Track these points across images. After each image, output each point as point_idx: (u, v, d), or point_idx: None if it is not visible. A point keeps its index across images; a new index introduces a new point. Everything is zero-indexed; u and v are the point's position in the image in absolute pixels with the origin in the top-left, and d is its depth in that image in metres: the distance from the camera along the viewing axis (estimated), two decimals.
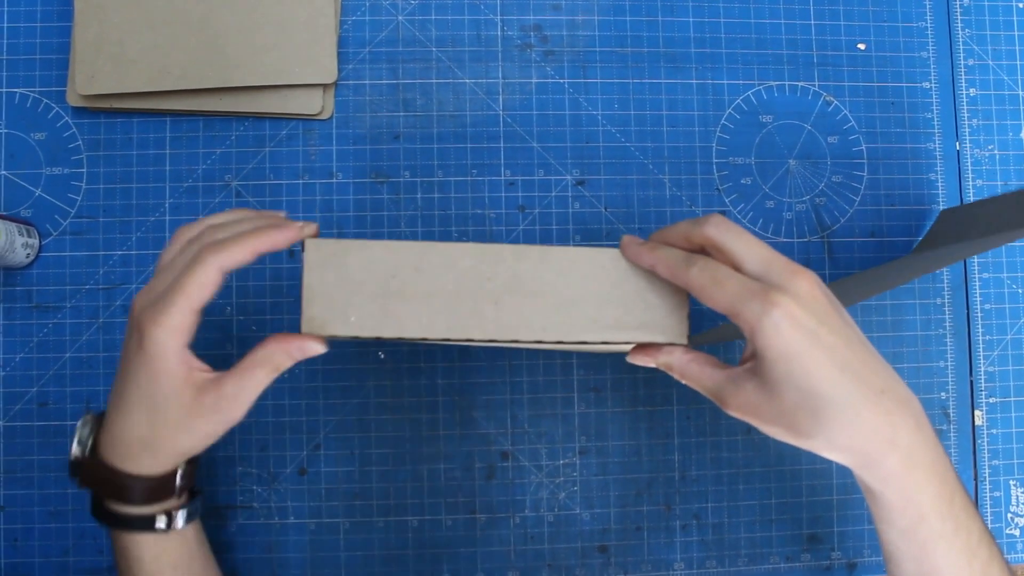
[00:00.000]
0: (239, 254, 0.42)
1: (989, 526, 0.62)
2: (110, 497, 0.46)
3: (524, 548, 0.60)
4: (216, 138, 0.60)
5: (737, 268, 0.41)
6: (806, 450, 0.41)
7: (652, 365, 0.45)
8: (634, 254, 0.44)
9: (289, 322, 0.59)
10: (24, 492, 0.58)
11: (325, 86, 0.60)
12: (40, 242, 0.59)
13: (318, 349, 0.44)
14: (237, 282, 0.59)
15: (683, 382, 0.45)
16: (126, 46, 0.57)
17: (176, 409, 0.43)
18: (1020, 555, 0.63)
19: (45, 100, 0.60)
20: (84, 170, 0.59)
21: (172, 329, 0.42)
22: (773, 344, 0.39)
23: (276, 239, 0.43)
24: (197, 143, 0.60)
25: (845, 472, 0.62)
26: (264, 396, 0.57)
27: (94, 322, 0.59)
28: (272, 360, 0.43)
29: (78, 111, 0.60)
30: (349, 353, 0.59)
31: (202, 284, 0.42)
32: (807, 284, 0.40)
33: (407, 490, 0.59)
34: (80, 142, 0.60)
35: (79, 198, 0.59)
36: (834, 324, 0.40)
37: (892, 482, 0.41)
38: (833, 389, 0.39)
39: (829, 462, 0.62)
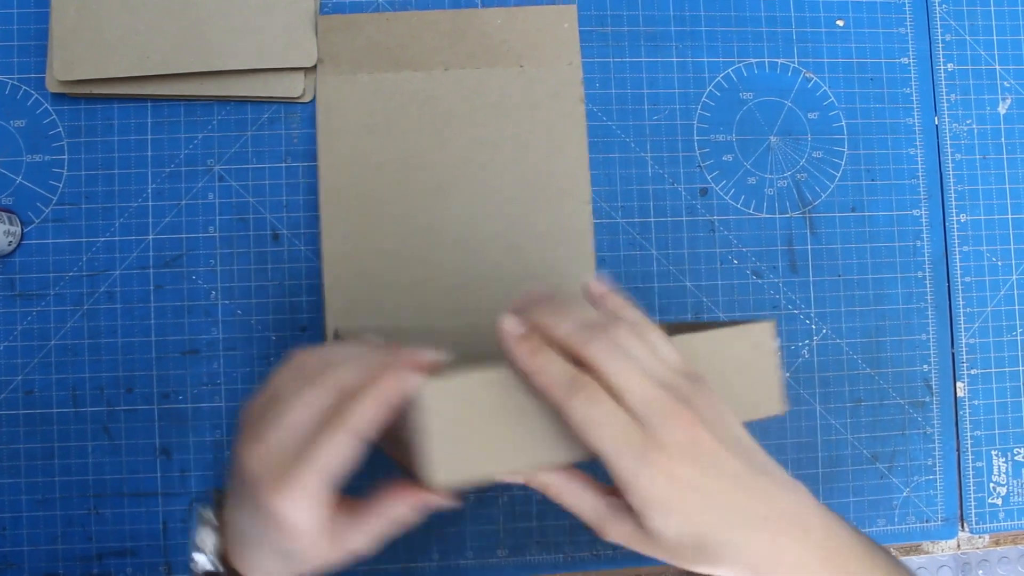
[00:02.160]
0: (372, 413, 0.36)
1: (972, 496, 0.63)
2: None
3: (513, 526, 0.60)
4: (198, 123, 0.60)
5: (613, 395, 0.37)
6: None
7: (520, 482, 0.40)
8: (511, 350, 0.38)
9: (274, 306, 0.59)
10: (11, 481, 0.58)
11: (307, 69, 0.60)
12: (22, 230, 0.59)
13: (445, 503, 0.40)
14: (222, 266, 0.59)
15: (557, 503, 0.41)
16: (105, 31, 0.57)
17: (312, 557, 0.39)
18: (1003, 524, 0.64)
19: (24, 87, 0.59)
20: (65, 157, 0.59)
21: (305, 507, 0.37)
22: (648, 498, 0.37)
23: (406, 385, 0.36)
24: (179, 128, 0.60)
25: (830, 446, 0.62)
26: (251, 379, 0.58)
27: (78, 309, 0.59)
28: (393, 513, 0.40)
29: (58, 97, 0.59)
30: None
31: (339, 458, 0.36)
32: (686, 430, 0.37)
33: (392, 470, 0.59)
34: (60, 128, 0.59)
35: (61, 185, 0.59)
36: (716, 464, 0.37)
37: None
38: (714, 532, 0.37)
39: (814, 438, 0.62)
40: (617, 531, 0.40)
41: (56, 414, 0.58)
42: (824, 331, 0.63)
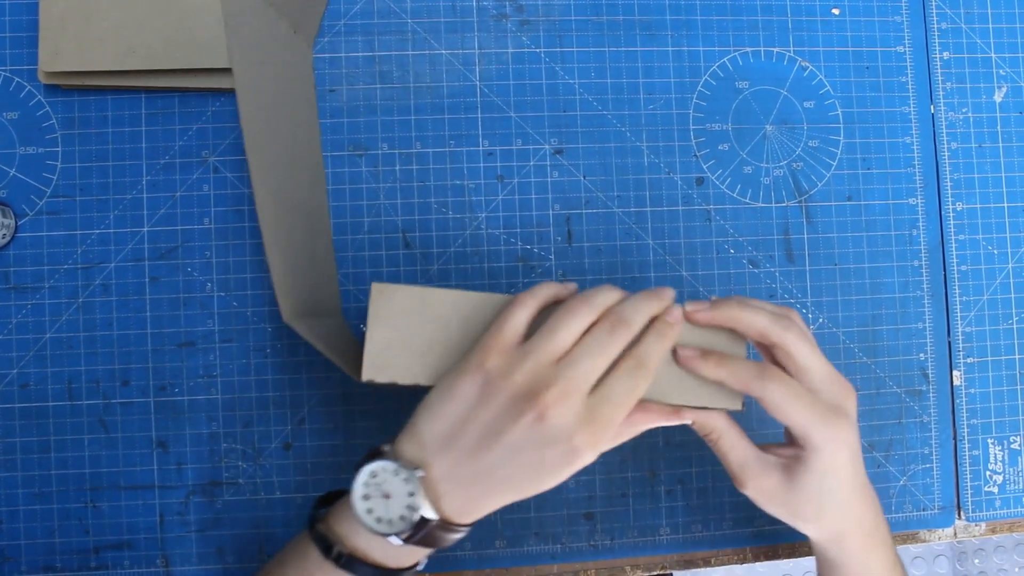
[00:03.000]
0: (657, 365, 0.44)
1: (968, 485, 0.63)
2: (441, 545, 0.44)
3: (510, 517, 0.60)
4: (192, 114, 0.60)
5: (798, 374, 0.46)
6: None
7: (687, 422, 0.48)
8: (699, 367, 0.46)
9: (270, 297, 0.59)
10: (7, 475, 0.58)
11: None
12: (16, 223, 0.58)
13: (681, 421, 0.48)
14: (217, 258, 0.59)
15: (709, 443, 0.50)
16: (92, 24, 0.56)
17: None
18: (999, 512, 0.64)
19: (16, 79, 0.59)
20: (59, 149, 0.59)
21: (607, 445, 0.44)
22: (828, 462, 0.46)
23: (674, 332, 0.45)
24: (173, 119, 0.60)
25: None
26: (247, 371, 0.58)
27: (73, 302, 0.58)
28: (641, 429, 0.47)
29: (50, 89, 0.59)
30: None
31: (638, 396, 0.43)
32: (855, 404, 0.47)
33: None
34: (54, 121, 0.59)
35: (55, 177, 0.59)
36: (859, 435, 0.49)
37: (854, 554, 0.50)
38: (848, 494, 0.48)
39: None
40: (758, 483, 0.48)
41: (52, 407, 0.58)
42: (820, 320, 0.63)
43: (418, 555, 0.45)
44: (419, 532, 0.43)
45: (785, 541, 0.62)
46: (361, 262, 0.60)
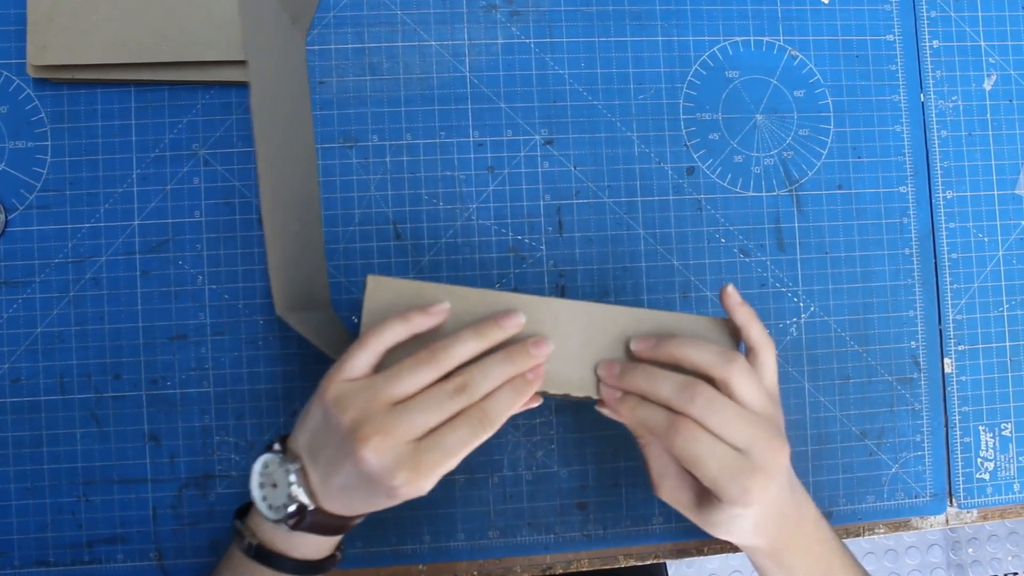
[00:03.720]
0: (504, 419, 0.45)
1: (960, 472, 0.63)
2: (333, 532, 0.48)
3: (503, 507, 0.60)
4: (182, 107, 0.60)
5: (726, 423, 0.46)
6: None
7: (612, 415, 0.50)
8: (615, 408, 0.48)
9: (261, 290, 0.59)
10: None
11: None
12: (6, 217, 0.58)
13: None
14: (208, 251, 0.59)
15: (639, 445, 0.52)
16: (80, 17, 0.56)
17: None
18: (990, 499, 0.64)
19: (5, 73, 0.59)
20: (48, 143, 0.59)
21: (429, 488, 0.44)
22: (739, 511, 0.47)
23: (531, 389, 0.47)
24: (163, 112, 0.60)
25: (819, 423, 0.62)
26: (239, 364, 0.57)
27: (64, 296, 0.58)
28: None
29: (40, 83, 0.59)
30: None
31: (469, 451, 0.44)
32: (785, 459, 0.47)
33: None
34: (43, 114, 0.59)
35: (44, 171, 0.59)
36: (788, 481, 0.49)
37: (768, 566, 0.52)
38: (761, 526, 0.49)
39: (803, 416, 0.62)
40: (671, 495, 0.50)
41: (44, 402, 0.58)
42: (812, 309, 0.63)
43: (322, 546, 0.49)
44: (302, 519, 0.46)
45: None
46: (352, 254, 0.60)
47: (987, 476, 0.64)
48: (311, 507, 0.46)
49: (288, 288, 0.50)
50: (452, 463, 0.43)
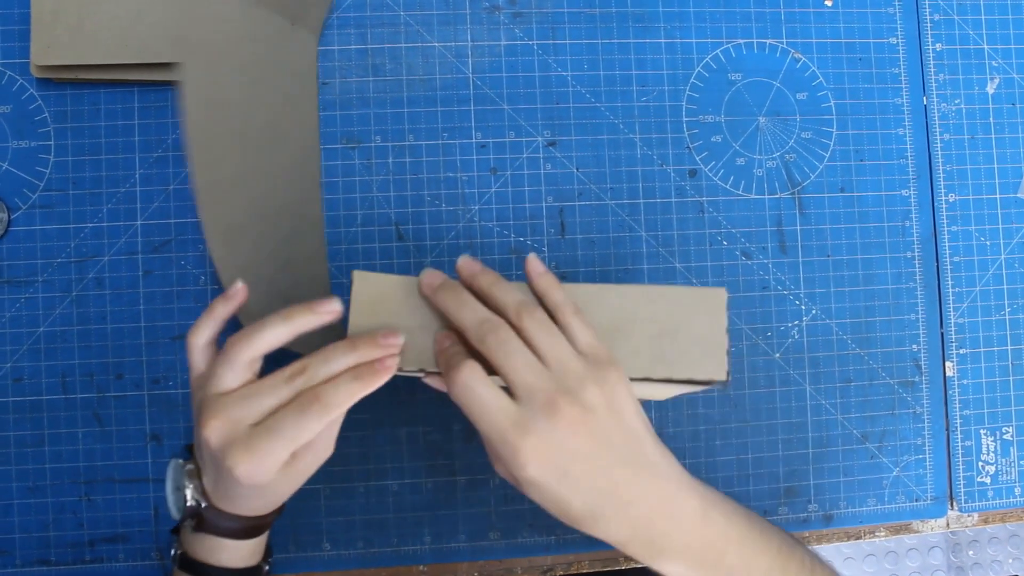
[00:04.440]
0: (345, 405, 0.43)
1: (961, 475, 0.63)
2: (238, 536, 0.48)
3: (504, 509, 0.60)
4: None
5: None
6: None
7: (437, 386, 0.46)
8: (429, 292, 0.46)
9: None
10: (1, 468, 0.58)
11: None
12: (9, 216, 0.58)
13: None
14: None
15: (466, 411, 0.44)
16: (84, 17, 0.56)
17: (279, 497, 0.47)
18: (991, 503, 0.64)
19: (8, 72, 0.59)
20: (52, 142, 0.59)
21: (269, 473, 0.43)
22: (523, 476, 0.41)
23: (378, 379, 0.44)
24: (166, 113, 0.60)
25: (820, 426, 0.62)
26: None
27: (67, 296, 0.58)
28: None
29: (43, 83, 0.59)
30: None
31: (314, 447, 0.44)
32: (561, 419, 0.41)
33: (386, 454, 0.60)
34: (47, 114, 0.59)
35: (47, 171, 0.59)
36: (586, 452, 0.41)
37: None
38: (577, 508, 0.42)
39: (804, 416, 0.62)
40: (501, 470, 0.44)
41: (46, 401, 0.58)
42: (814, 311, 0.63)
43: (243, 553, 0.49)
44: (202, 519, 0.46)
45: None
46: (354, 255, 0.60)
47: (988, 480, 0.64)
48: (203, 504, 0.46)
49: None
50: (284, 446, 0.42)
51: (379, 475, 0.60)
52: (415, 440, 0.60)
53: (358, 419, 0.59)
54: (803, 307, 0.63)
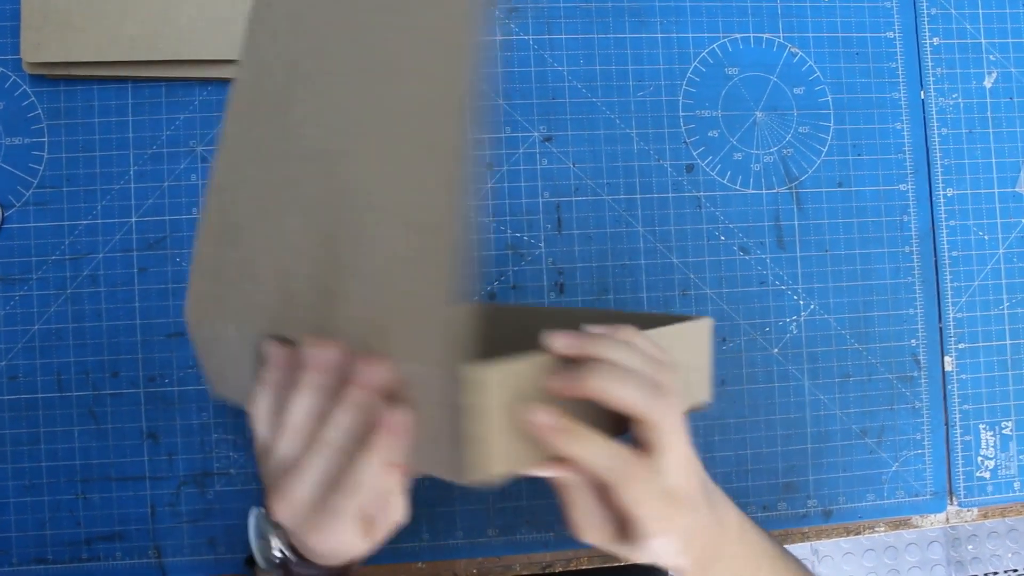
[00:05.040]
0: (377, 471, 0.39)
1: (960, 470, 0.63)
2: None
3: (502, 506, 0.60)
4: (179, 103, 0.59)
5: (657, 456, 0.41)
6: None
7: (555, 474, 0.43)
8: (551, 439, 0.39)
9: None
10: None
11: None
12: (3, 214, 0.58)
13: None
14: None
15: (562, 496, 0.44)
16: (74, 14, 0.56)
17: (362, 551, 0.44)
18: (990, 497, 0.64)
19: (1, 69, 0.59)
20: (45, 139, 0.59)
21: (350, 544, 0.41)
22: (657, 547, 0.42)
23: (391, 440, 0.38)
24: (160, 109, 0.59)
25: (819, 421, 0.62)
26: None
27: (62, 293, 0.58)
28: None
29: (36, 79, 0.59)
30: None
31: (384, 504, 0.41)
32: (698, 486, 0.43)
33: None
34: (40, 111, 0.59)
35: (41, 168, 0.59)
36: (704, 504, 0.44)
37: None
38: (676, 553, 0.43)
39: (803, 414, 0.62)
40: (597, 535, 0.43)
41: (41, 399, 0.58)
42: (812, 307, 0.63)
43: None
44: (286, 569, 0.44)
45: (776, 528, 0.62)
46: None
47: (987, 474, 0.64)
48: (293, 559, 0.44)
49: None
50: (347, 517, 0.39)
51: None
52: None
53: None
54: (801, 302, 0.63)
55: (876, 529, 0.64)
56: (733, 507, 0.47)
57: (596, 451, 0.40)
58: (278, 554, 0.44)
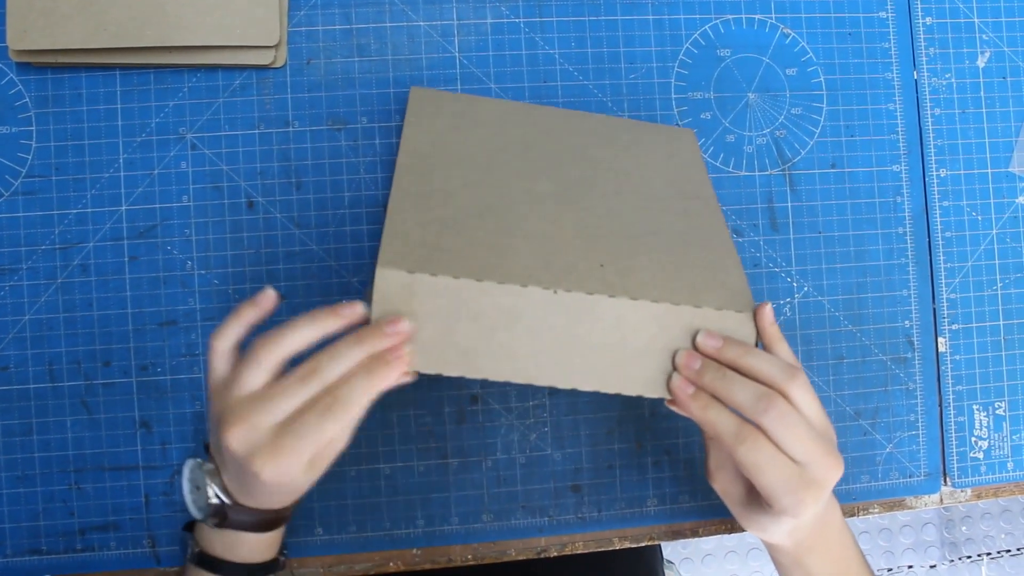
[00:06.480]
0: (363, 402, 0.43)
1: (954, 451, 0.63)
2: (260, 529, 0.49)
3: (497, 491, 0.60)
4: (168, 90, 0.59)
5: (787, 437, 0.45)
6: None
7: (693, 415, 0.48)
8: (683, 403, 0.46)
9: (251, 274, 0.59)
10: None
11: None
12: None
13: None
14: (197, 236, 0.58)
15: (705, 435, 0.51)
16: (60, 1, 0.55)
17: (299, 491, 0.47)
18: (984, 477, 0.64)
19: None
20: (33, 128, 0.58)
21: (294, 474, 0.43)
22: (787, 520, 0.48)
23: (390, 371, 0.43)
24: (149, 96, 0.59)
25: None
26: None
27: (52, 283, 0.58)
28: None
29: (23, 67, 0.58)
30: (314, 303, 0.59)
31: (333, 442, 0.44)
32: (837, 476, 0.46)
33: (377, 438, 0.59)
34: (27, 99, 0.58)
35: (30, 157, 0.58)
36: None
37: (790, 562, 0.53)
38: (801, 536, 0.50)
39: None
40: (723, 487, 0.51)
41: (33, 389, 0.58)
42: (805, 289, 0.63)
43: (261, 547, 0.50)
44: (224, 516, 0.47)
45: None
46: (343, 237, 0.59)
47: (981, 455, 0.64)
48: (228, 503, 0.47)
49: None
50: (307, 447, 0.42)
51: (371, 459, 0.59)
52: (406, 423, 0.59)
53: None
54: (795, 284, 0.63)
55: (871, 511, 0.64)
56: (838, 507, 0.52)
57: (724, 418, 0.46)
58: (215, 500, 0.47)
